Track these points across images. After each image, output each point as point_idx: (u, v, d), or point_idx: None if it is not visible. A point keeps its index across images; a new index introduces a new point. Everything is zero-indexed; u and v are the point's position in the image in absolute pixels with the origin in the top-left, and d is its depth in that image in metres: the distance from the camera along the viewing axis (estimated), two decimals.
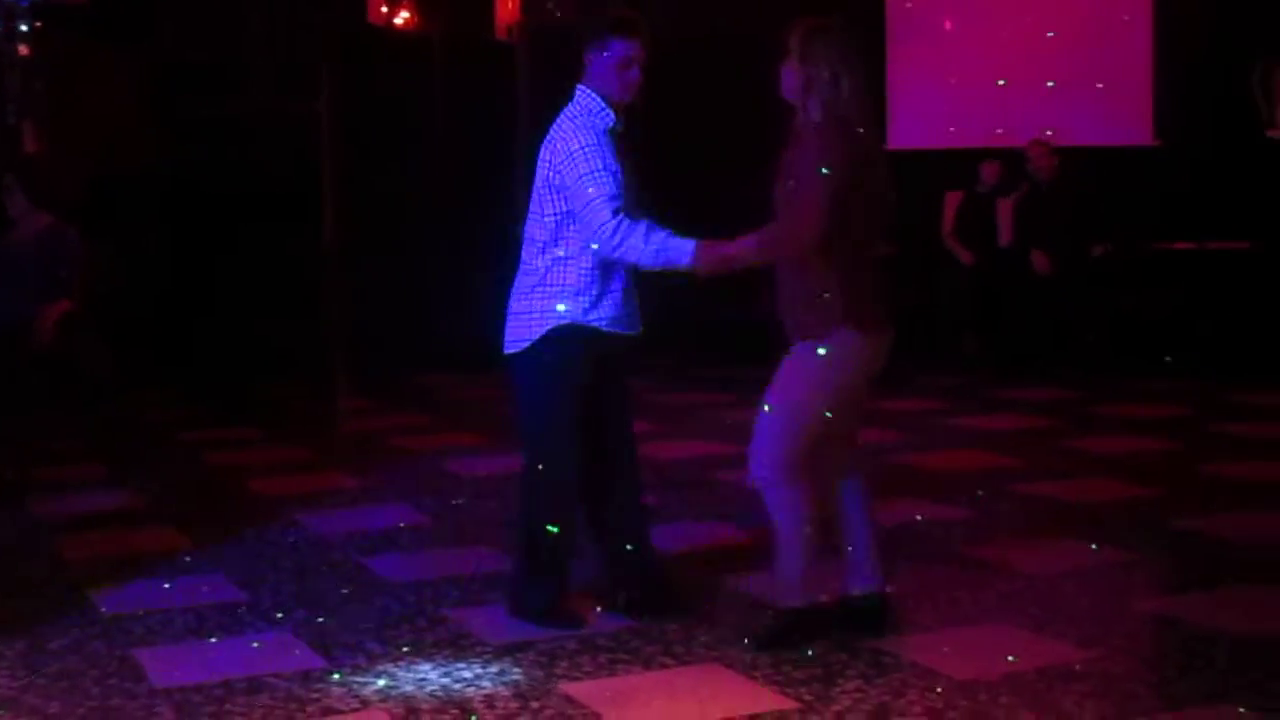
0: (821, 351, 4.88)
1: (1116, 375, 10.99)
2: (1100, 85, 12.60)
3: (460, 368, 12.04)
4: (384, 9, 12.97)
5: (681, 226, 5.20)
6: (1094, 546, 6.29)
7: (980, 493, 7.35)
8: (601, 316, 5.22)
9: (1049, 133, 11.92)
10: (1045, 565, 5.97)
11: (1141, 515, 6.89)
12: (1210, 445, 8.66)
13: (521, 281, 5.32)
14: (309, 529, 6.93)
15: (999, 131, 12.53)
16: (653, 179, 5.41)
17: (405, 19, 13.09)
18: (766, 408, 4.99)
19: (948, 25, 12.87)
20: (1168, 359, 11.11)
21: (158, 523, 7.15)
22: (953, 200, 12.04)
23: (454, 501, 7.45)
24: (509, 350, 5.33)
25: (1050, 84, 12.65)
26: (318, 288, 11.98)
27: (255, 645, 5.21)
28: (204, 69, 12.42)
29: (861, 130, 4.91)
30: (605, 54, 5.22)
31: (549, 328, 5.22)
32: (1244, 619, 5.24)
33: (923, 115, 12.99)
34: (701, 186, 5.58)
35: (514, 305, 5.32)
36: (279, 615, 5.56)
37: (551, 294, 5.22)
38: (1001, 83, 12.62)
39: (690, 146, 11.86)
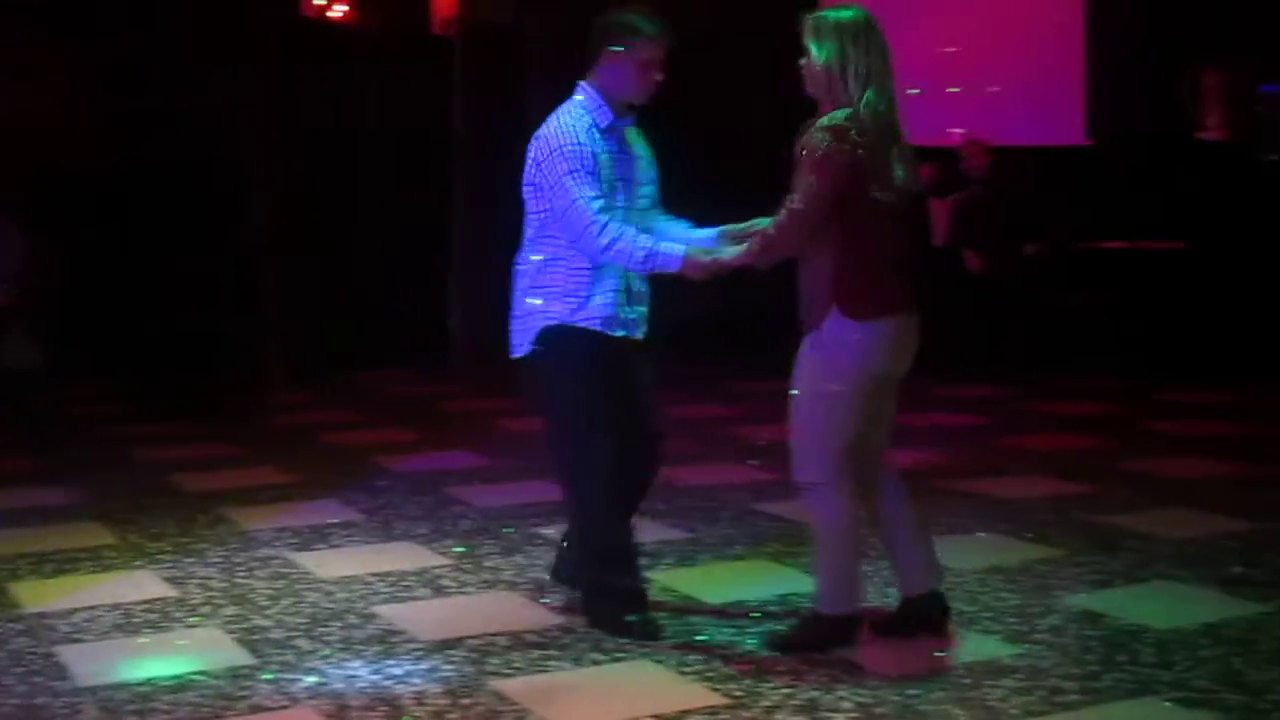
0: (816, 341, 4.80)
1: (1048, 373, 11.06)
2: (1033, 86, 12.68)
3: (395, 363, 12.01)
4: (317, 2, 12.89)
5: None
6: (1023, 543, 6.36)
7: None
8: (592, 317, 5.09)
9: (958, 130, 11.96)
10: (974, 561, 6.01)
11: (1070, 511, 6.95)
12: (1139, 442, 8.73)
13: (518, 283, 5.22)
14: (239, 525, 6.88)
15: (928, 132, 12.57)
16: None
17: (340, 13, 13.01)
18: (793, 412, 4.88)
19: (881, 24, 12.91)
20: (1079, 359, 11.21)
21: (86, 519, 7.08)
22: None
23: (385, 498, 7.42)
24: (512, 355, 5.25)
25: (984, 85, 12.72)
26: (252, 282, 11.91)
27: (182, 643, 5.18)
28: (137, 63, 12.31)
29: (880, 117, 4.74)
30: (625, 52, 5.07)
31: (539, 329, 5.13)
32: (1168, 614, 5.30)
33: None
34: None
35: (513, 308, 5.23)
36: (207, 612, 5.52)
37: (542, 295, 5.12)
38: (914, 92, 12.63)
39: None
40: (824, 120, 4.75)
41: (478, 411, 10.18)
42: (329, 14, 12.94)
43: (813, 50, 4.81)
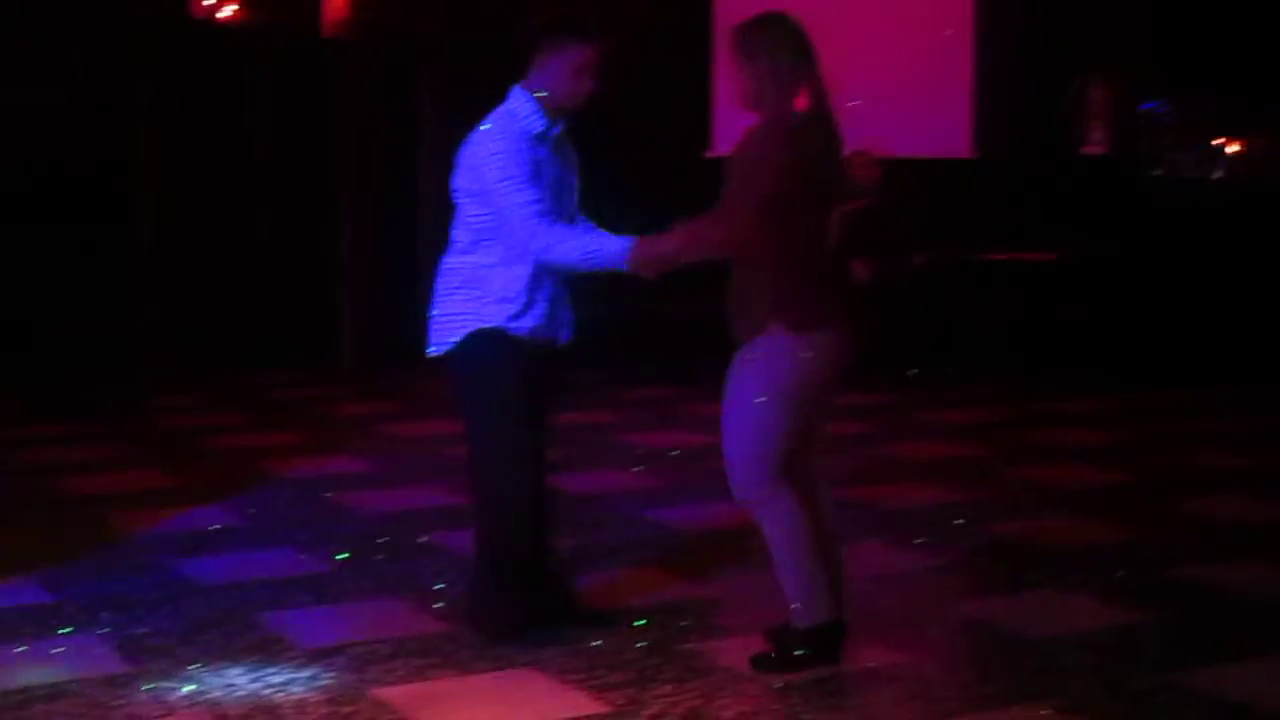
0: (753, 352, 4.77)
1: (935, 382, 11.16)
2: (922, 99, 12.81)
3: (283, 365, 11.90)
4: (207, 1, 12.74)
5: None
6: (906, 551, 6.41)
7: None
8: (524, 325, 5.06)
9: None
10: (858, 569, 6.01)
11: (954, 519, 7.01)
12: (1024, 451, 8.82)
13: (444, 283, 5.15)
14: (119, 530, 6.77)
15: None
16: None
17: (230, 12, 12.87)
18: (728, 426, 4.84)
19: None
20: (966, 368, 11.31)
21: None
22: None
23: (269, 503, 7.33)
24: (430, 354, 5.18)
25: (873, 98, 12.81)
26: (136, 283, 11.76)
27: (58, 650, 5.09)
28: (23, 60, 12.11)
29: (816, 122, 4.75)
30: (560, 56, 5.01)
31: (469, 331, 5.07)
32: (1049, 621, 5.37)
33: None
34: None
35: (436, 307, 5.16)
36: (84, 619, 5.42)
37: (475, 298, 5.06)
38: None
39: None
40: (758, 126, 4.74)
41: (365, 415, 10.10)
42: (219, 14, 12.79)
43: (744, 61, 4.80)
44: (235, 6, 12.79)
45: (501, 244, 5.04)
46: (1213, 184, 12.82)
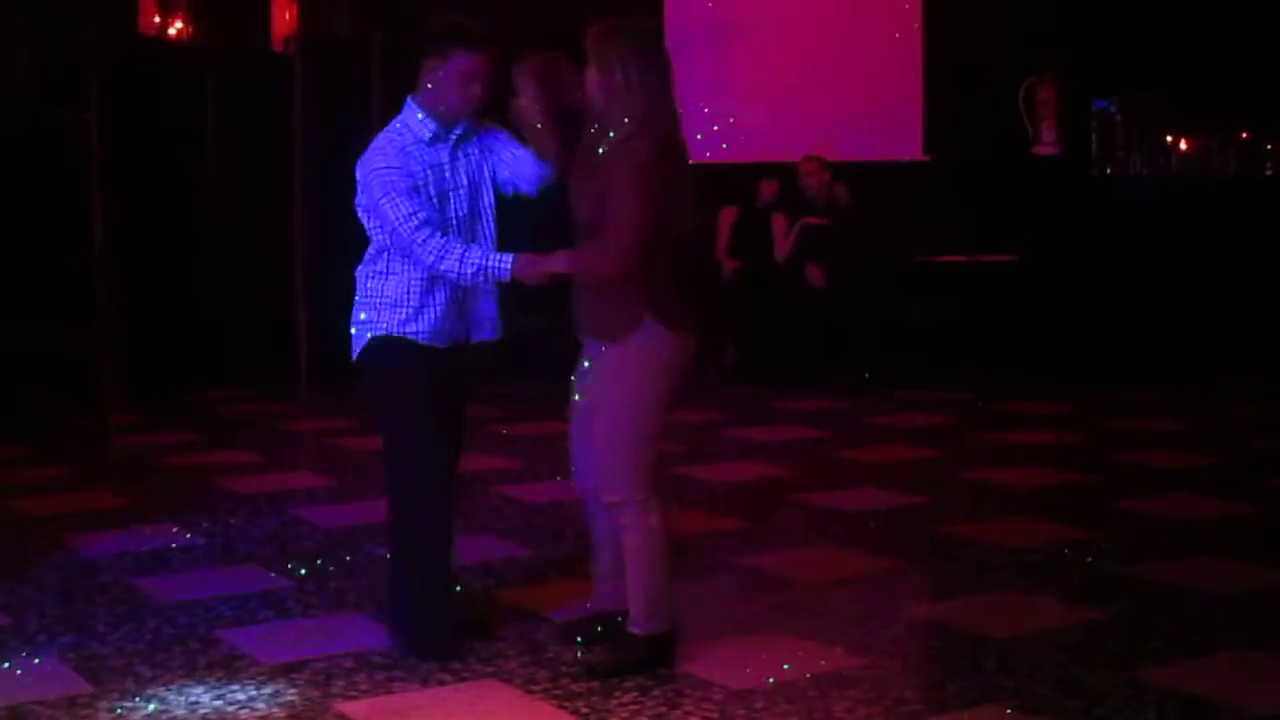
0: (622, 353, 4.77)
1: (889, 385, 11.20)
2: (872, 101, 12.85)
3: (239, 381, 11.85)
4: (156, 19, 12.70)
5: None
6: (865, 554, 6.44)
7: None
8: (420, 330, 5.06)
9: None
10: (818, 574, 6.07)
11: (911, 523, 7.05)
12: (979, 453, 8.87)
13: (357, 293, 5.22)
14: (76, 550, 6.73)
15: (771, 148, 12.68)
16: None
17: (179, 29, 12.83)
18: (602, 428, 4.85)
19: (722, 40, 13.00)
20: (919, 371, 11.36)
21: None
22: (728, 216, 12.11)
23: (227, 520, 7.31)
24: (353, 360, 5.25)
25: (824, 101, 12.87)
26: (87, 299, 11.67)
27: (18, 672, 5.06)
28: None
29: (667, 131, 4.76)
30: (446, 65, 4.98)
31: (368, 338, 5.12)
32: (1008, 622, 5.40)
33: (697, 129, 13.09)
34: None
35: (353, 316, 5.23)
36: (44, 640, 5.40)
37: (371, 305, 5.11)
38: (746, 113, 12.78)
39: None
40: (619, 140, 4.75)
41: (321, 430, 10.08)
42: (168, 31, 12.75)
43: (593, 62, 4.80)
44: (181, 24, 12.76)
45: (397, 253, 5.07)
46: (1165, 182, 12.90)
